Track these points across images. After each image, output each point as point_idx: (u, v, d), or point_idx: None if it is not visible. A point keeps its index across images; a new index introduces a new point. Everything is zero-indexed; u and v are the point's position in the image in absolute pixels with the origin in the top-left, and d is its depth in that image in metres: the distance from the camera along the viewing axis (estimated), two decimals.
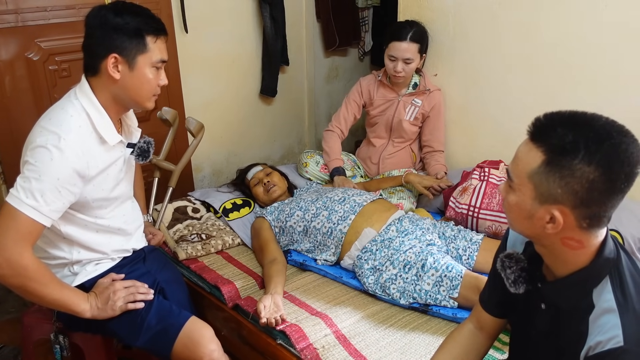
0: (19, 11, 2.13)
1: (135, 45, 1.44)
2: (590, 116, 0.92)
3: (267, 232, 2.15)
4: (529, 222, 0.97)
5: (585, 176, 0.88)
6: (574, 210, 0.91)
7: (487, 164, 2.28)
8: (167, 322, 1.56)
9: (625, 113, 0.92)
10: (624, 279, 0.95)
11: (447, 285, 1.75)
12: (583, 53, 2.08)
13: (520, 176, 0.95)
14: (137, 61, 1.45)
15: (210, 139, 2.88)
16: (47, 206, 1.36)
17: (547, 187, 0.91)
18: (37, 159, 1.36)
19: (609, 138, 0.88)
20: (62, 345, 1.65)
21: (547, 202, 0.92)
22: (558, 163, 0.89)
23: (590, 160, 0.87)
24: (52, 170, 1.36)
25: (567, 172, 0.89)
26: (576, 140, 0.88)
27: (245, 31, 3.00)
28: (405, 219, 2.05)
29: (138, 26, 1.44)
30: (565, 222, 0.92)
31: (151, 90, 1.52)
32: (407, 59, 2.40)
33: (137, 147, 1.63)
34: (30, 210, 1.34)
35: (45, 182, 1.35)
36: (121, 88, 1.48)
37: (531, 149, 0.93)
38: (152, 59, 1.47)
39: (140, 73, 1.47)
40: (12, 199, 1.35)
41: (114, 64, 1.44)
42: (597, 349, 0.92)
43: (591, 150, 0.87)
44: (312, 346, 1.61)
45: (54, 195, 1.37)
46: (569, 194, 0.89)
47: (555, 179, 0.90)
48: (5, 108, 2.19)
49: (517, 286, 1.06)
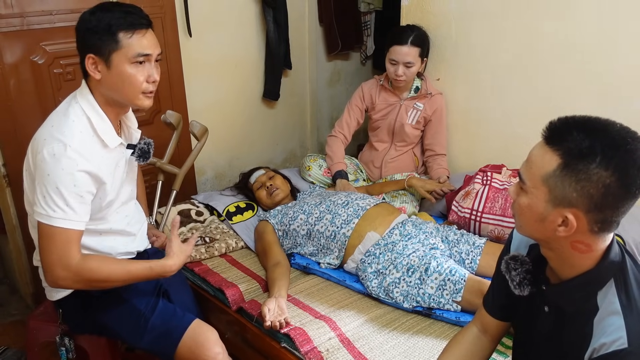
0: (24, 15, 2.14)
1: (107, 42, 1.40)
2: (605, 122, 0.93)
3: (271, 235, 2.16)
4: (541, 224, 0.97)
5: (602, 181, 0.89)
6: (587, 214, 0.92)
7: (489, 168, 2.29)
8: (171, 324, 1.57)
9: (628, 118, 0.93)
10: (628, 282, 0.96)
11: (450, 289, 1.76)
12: (585, 58, 2.09)
13: (534, 179, 0.96)
14: (112, 59, 1.41)
15: (213, 142, 2.89)
16: (76, 213, 1.39)
17: (562, 191, 0.92)
18: (49, 171, 1.37)
19: (625, 144, 0.89)
20: (67, 347, 1.66)
21: (560, 205, 0.93)
22: (575, 167, 0.90)
23: (607, 165, 0.88)
24: (66, 179, 1.37)
25: (583, 176, 0.89)
26: (593, 145, 0.89)
27: (249, 35, 3.02)
28: (408, 223, 2.05)
29: (109, 22, 1.39)
30: (578, 226, 0.93)
31: (137, 87, 1.45)
32: (408, 63, 2.41)
33: (138, 148, 1.64)
34: (62, 222, 1.38)
35: (64, 192, 1.37)
36: (107, 88, 1.46)
37: (547, 152, 0.94)
38: (128, 54, 1.41)
39: (118, 70, 1.42)
40: (42, 218, 1.38)
41: (93, 64, 1.43)
42: (602, 351, 0.92)
43: (608, 155, 0.88)
44: (316, 349, 1.61)
45: (77, 201, 1.39)
46: (584, 198, 0.90)
47: (572, 183, 0.91)
48: (10, 111, 2.20)
49: (522, 288, 1.07)
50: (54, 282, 1.44)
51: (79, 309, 1.60)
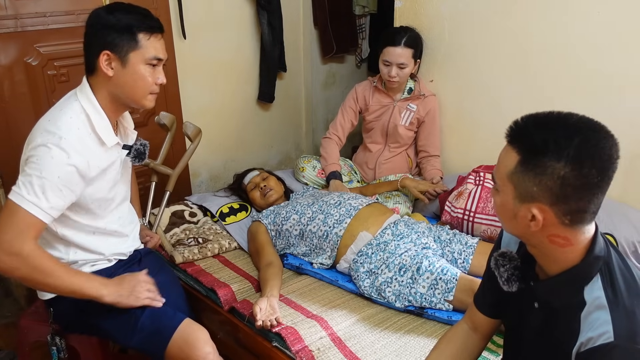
0: (18, 16, 2.15)
1: (127, 41, 1.45)
2: (563, 115, 0.94)
3: (263, 236, 2.16)
4: (515, 221, 0.99)
5: (557, 172, 0.90)
6: (552, 207, 0.93)
7: (482, 168, 2.29)
8: (160, 323, 1.56)
9: (620, 117, 0.94)
10: (614, 276, 0.97)
11: (442, 288, 1.76)
12: (577, 58, 2.10)
13: (501, 178, 0.98)
14: (129, 58, 1.46)
15: (208, 145, 2.90)
16: (48, 203, 1.37)
17: (524, 186, 0.94)
18: (38, 157, 1.37)
19: (579, 134, 0.90)
20: (59, 347, 1.65)
21: (526, 201, 0.95)
22: (531, 162, 0.92)
23: (559, 156, 0.89)
24: (53, 168, 1.37)
25: (539, 170, 0.91)
26: (546, 139, 0.91)
27: (243, 37, 3.03)
28: (400, 223, 2.06)
29: (130, 23, 1.45)
30: (546, 220, 0.94)
31: (147, 88, 1.51)
32: (401, 64, 2.42)
33: (134, 149, 1.66)
34: (31, 206, 1.35)
35: (46, 180, 1.36)
36: (116, 85, 1.49)
37: (508, 150, 0.97)
38: (145, 55, 1.47)
39: (133, 70, 1.47)
40: (13, 195, 1.36)
41: (107, 60, 1.45)
42: (588, 345, 0.92)
43: (561, 146, 0.89)
44: (307, 348, 1.61)
45: (55, 193, 1.38)
46: (545, 191, 0.92)
47: (530, 178, 0.92)
48: (4, 113, 2.20)
49: (510, 284, 1.07)
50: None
51: (70, 308, 1.59)
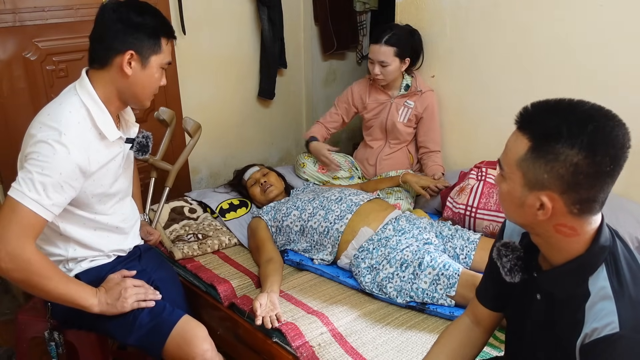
0: (16, 11, 2.13)
1: (152, 45, 1.47)
2: (575, 102, 0.93)
3: (264, 232, 2.14)
4: (521, 210, 0.97)
5: (569, 160, 0.88)
6: (562, 195, 0.91)
7: (484, 164, 2.27)
8: (159, 320, 1.55)
9: (622, 112, 0.92)
10: (619, 266, 0.95)
11: (444, 283, 1.74)
12: (580, 53, 2.08)
13: (510, 164, 0.97)
14: (150, 60, 1.48)
15: (208, 142, 2.89)
16: (49, 200, 1.35)
17: (534, 173, 0.92)
18: (39, 153, 1.35)
19: (592, 121, 0.88)
20: (57, 342, 1.63)
21: (535, 189, 0.93)
22: (542, 148, 0.91)
23: (573, 143, 0.88)
24: (55, 164, 1.35)
25: (551, 156, 0.90)
26: (559, 125, 0.89)
27: (244, 34, 3.01)
28: (402, 218, 2.04)
29: (156, 26, 1.48)
30: (555, 208, 0.92)
31: (154, 90, 1.56)
32: (382, 62, 2.40)
33: (137, 142, 1.64)
34: (33, 203, 1.33)
35: (47, 176, 1.34)
36: (129, 84, 1.49)
37: (518, 137, 0.95)
38: (163, 60, 1.52)
39: (150, 72, 1.50)
40: (14, 192, 1.34)
41: (129, 60, 1.46)
42: (593, 336, 0.91)
43: (574, 133, 0.88)
44: (308, 344, 1.59)
45: (56, 190, 1.36)
46: (555, 179, 0.90)
47: (541, 165, 0.91)
48: (2, 108, 2.19)
49: (513, 275, 1.06)
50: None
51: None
